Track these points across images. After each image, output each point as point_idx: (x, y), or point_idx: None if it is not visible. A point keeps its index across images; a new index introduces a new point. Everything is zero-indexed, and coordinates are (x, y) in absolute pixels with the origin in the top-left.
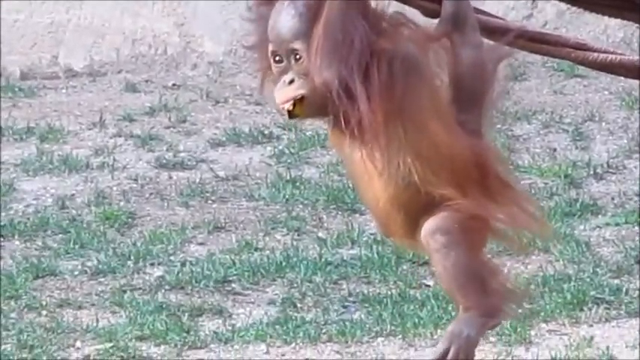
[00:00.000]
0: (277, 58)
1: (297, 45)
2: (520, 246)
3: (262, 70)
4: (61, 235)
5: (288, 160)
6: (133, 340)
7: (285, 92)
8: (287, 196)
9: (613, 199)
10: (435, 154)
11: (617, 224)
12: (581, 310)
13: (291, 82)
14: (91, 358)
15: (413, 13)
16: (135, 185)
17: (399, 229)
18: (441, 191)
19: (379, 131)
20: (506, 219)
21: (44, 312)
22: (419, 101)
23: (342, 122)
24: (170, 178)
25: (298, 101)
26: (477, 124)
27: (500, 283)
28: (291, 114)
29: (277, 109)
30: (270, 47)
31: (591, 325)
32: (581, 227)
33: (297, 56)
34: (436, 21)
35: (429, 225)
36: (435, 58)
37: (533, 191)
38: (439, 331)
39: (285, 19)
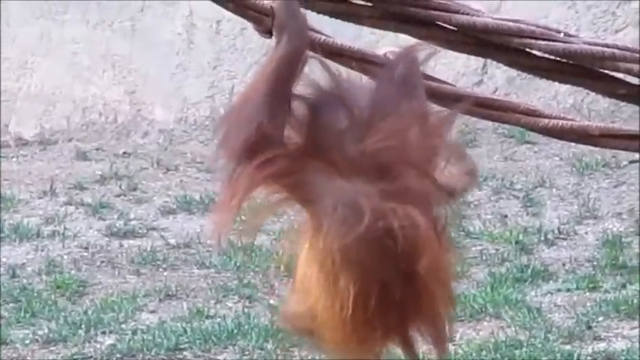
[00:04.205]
0: None
1: None
2: None
3: None
4: (12, 304)
5: (240, 228)
6: None
7: None
8: (238, 264)
9: (564, 265)
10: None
11: (568, 290)
12: None
13: None
14: None
15: None
16: (86, 254)
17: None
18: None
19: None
20: None
21: None
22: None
23: None
24: (121, 246)
25: None
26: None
27: None
28: None
29: None
30: None
31: None
32: (533, 293)
33: None
34: None
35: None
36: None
37: (484, 257)
38: None
39: None
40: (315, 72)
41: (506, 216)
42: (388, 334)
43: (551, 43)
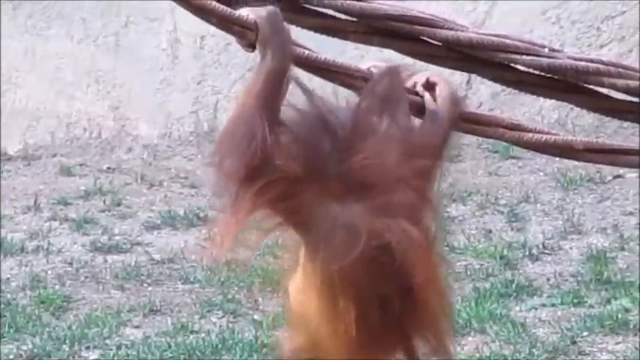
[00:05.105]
0: None
1: None
2: None
3: None
4: None
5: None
6: None
7: None
8: (222, 279)
9: (549, 280)
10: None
11: (552, 305)
12: None
13: None
14: None
15: None
16: (70, 269)
17: None
18: None
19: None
20: None
21: None
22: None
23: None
24: (105, 261)
25: None
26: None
27: None
28: None
29: None
30: None
31: None
32: (517, 308)
33: None
34: None
35: None
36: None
37: (468, 272)
38: None
39: None
40: (293, 93)
41: (490, 231)
42: (393, 349)
43: (535, 58)
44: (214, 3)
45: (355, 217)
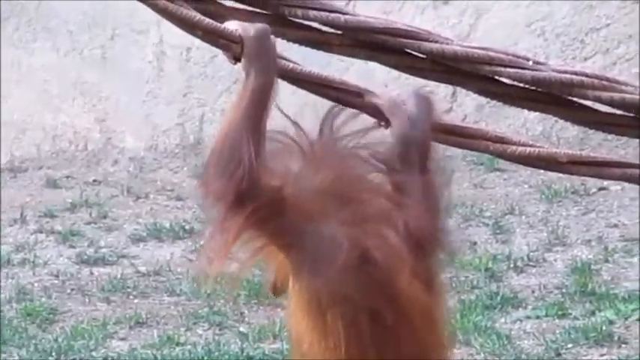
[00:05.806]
0: None
1: None
2: None
3: None
4: None
5: (209, 255)
6: None
7: None
8: (208, 291)
9: (533, 292)
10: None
11: (537, 317)
12: None
13: None
14: None
15: None
16: (56, 281)
17: None
18: None
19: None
20: None
21: None
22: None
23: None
24: (91, 273)
25: None
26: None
27: None
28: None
29: None
30: None
31: None
32: (502, 320)
33: None
34: None
35: None
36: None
37: (453, 284)
38: None
39: None
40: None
41: (475, 243)
42: None
43: (520, 70)
44: (199, 16)
45: (334, 229)
